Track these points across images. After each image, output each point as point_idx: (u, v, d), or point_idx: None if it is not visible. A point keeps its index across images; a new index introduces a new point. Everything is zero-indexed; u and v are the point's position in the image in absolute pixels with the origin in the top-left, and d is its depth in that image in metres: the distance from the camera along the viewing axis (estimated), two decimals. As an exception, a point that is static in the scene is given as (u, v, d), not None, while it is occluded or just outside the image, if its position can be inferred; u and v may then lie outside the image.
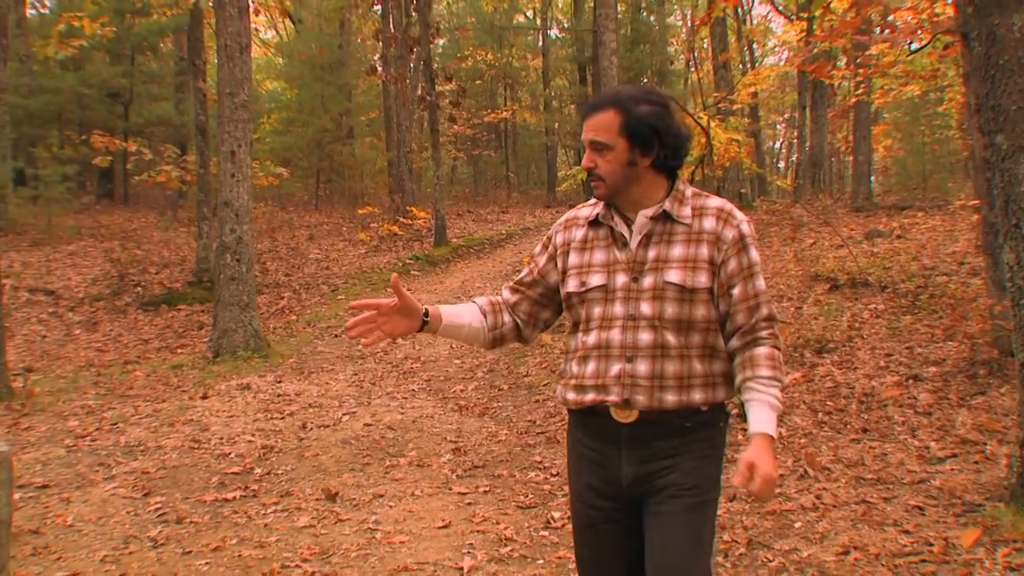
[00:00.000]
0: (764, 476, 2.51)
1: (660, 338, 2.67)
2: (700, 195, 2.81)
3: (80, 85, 24.37)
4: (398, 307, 2.82)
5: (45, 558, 5.78)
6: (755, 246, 2.77)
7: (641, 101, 2.73)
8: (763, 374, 2.65)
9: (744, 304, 2.71)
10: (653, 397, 2.67)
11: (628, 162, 2.71)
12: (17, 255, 18.30)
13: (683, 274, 2.68)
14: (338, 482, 7.09)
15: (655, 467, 2.71)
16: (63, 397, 10.79)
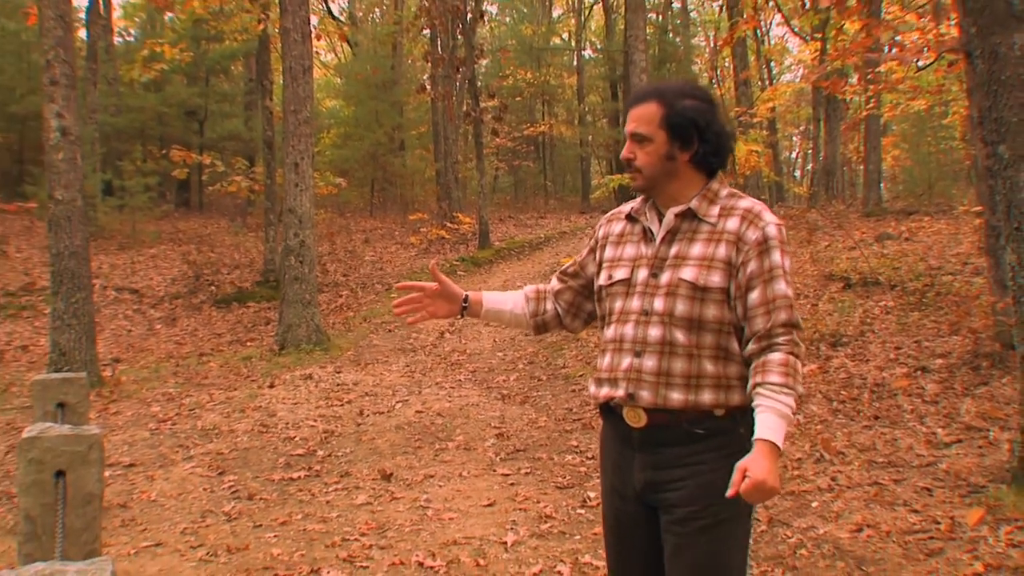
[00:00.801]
0: (753, 481, 2.22)
1: (669, 335, 2.43)
2: (735, 195, 2.53)
3: (161, 105, 24.60)
4: (439, 291, 2.76)
5: (132, 529, 5.85)
6: (781, 250, 2.43)
7: (685, 95, 2.50)
8: (773, 380, 2.33)
9: (762, 308, 2.39)
10: (658, 394, 2.42)
11: (667, 155, 2.49)
12: (106, 258, 18.51)
13: (697, 272, 2.42)
14: (392, 464, 7.12)
15: (665, 476, 2.45)
16: (146, 385, 10.91)
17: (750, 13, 13.18)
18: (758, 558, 4.74)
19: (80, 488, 3.74)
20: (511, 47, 33.41)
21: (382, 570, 4.85)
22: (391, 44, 30.08)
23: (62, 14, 10.80)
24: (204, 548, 5.39)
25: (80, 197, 10.84)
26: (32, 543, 3.65)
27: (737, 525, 2.42)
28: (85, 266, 10.86)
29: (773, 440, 2.29)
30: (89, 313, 10.84)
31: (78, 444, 3.74)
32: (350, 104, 29.74)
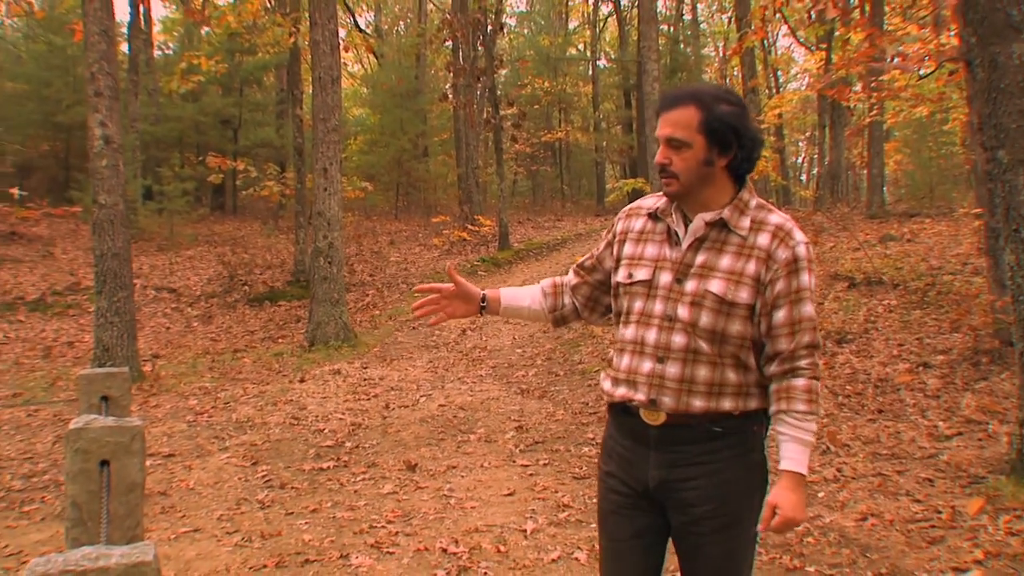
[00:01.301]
0: (784, 519, 2.23)
1: (694, 343, 2.31)
2: (763, 207, 2.39)
3: (198, 114, 24.71)
4: (456, 292, 2.67)
5: (172, 516, 5.88)
6: (809, 270, 2.32)
7: (721, 100, 2.34)
8: (799, 408, 2.28)
9: (787, 328, 2.30)
10: (680, 400, 2.32)
11: (705, 161, 2.32)
12: (146, 259, 18.62)
13: (725, 286, 2.30)
14: (417, 455, 7.13)
15: (682, 475, 2.35)
16: (184, 380, 10.96)
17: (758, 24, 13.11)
18: (766, 545, 4.72)
19: (123, 477, 3.77)
20: (529, 57, 33.36)
21: (408, 556, 4.86)
22: (415, 55, 30.12)
23: (105, 29, 10.86)
24: (239, 534, 5.42)
25: (122, 202, 10.91)
26: (78, 528, 3.68)
27: (751, 524, 2.36)
28: (127, 267, 10.92)
29: (800, 471, 2.28)
30: (130, 311, 10.90)
31: (121, 435, 3.77)
32: (376, 112, 29.79)
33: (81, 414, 5.07)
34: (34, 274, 17.59)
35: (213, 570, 4.79)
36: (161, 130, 24.44)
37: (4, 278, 17.07)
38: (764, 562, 4.51)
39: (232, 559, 4.95)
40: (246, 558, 4.95)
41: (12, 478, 7.17)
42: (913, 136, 23.79)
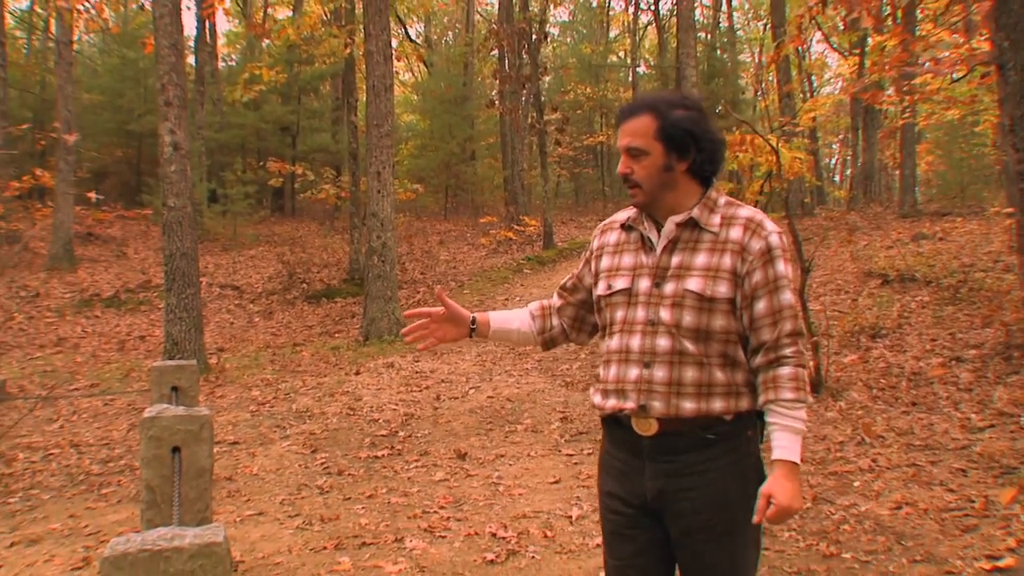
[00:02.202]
0: (779, 507, 2.12)
1: (678, 345, 2.22)
2: (732, 204, 2.31)
3: (259, 121, 24.96)
4: (446, 315, 2.57)
5: (237, 499, 5.96)
6: (784, 259, 2.24)
7: (676, 105, 2.28)
8: (786, 396, 2.17)
9: (768, 319, 2.21)
10: (670, 404, 2.21)
11: (664, 167, 2.26)
12: (211, 258, 18.86)
13: (703, 283, 2.21)
14: (467, 444, 7.15)
15: (678, 484, 2.24)
16: (247, 372, 11.08)
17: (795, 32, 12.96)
18: (804, 532, 4.67)
19: (193, 462, 3.82)
20: (572, 65, 33.27)
21: (459, 539, 4.88)
22: (463, 64, 30.19)
23: (175, 43, 11.02)
24: (300, 517, 5.47)
25: (190, 204, 11.06)
26: (152, 510, 3.75)
27: (750, 528, 2.24)
28: (194, 265, 11.07)
29: (792, 459, 2.16)
30: (197, 307, 11.05)
31: (191, 423, 3.83)
32: (426, 118, 29.91)
33: (154, 404, 5.16)
34: (109, 273, 17.90)
35: (276, 551, 4.84)
36: (225, 137, 24.73)
37: (82, 276, 17.39)
38: (801, 549, 4.47)
39: (294, 541, 5.00)
40: (307, 540, 5.00)
41: (91, 462, 7.32)
42: (945, 138, 23.40)
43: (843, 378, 7.65)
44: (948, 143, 22.84)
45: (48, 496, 6.41)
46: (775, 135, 15.65)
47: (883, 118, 22.52)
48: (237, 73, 24.14)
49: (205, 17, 21.82)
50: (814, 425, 6.67)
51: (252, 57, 25.63)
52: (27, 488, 6.62)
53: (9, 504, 6.22)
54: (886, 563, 4.24)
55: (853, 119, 24.70)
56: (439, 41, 38.15)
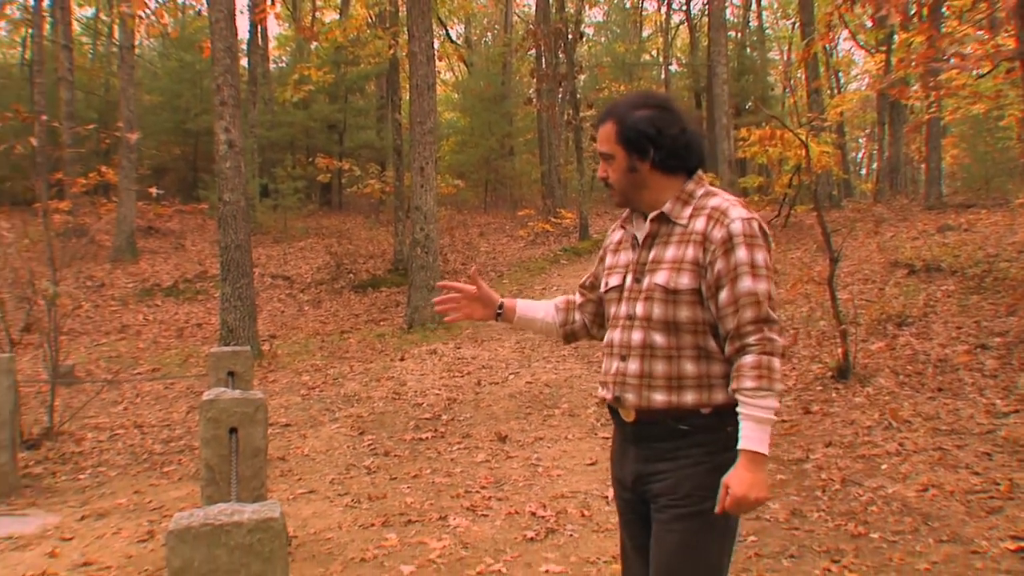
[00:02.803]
0: (734, 497, 2.04)
1: (648, 338, 2.20)
2: (710, 194, 2.25)
3: (307, 120, 25.10)
4: (476, 295, 2.59)
5: (290, 478, 6.03)
6: (747, 244, 2.12)
7: (637, 107, 2.26)
8: (747, 386, 2.07)
9: (731, 308, 2.12)
10: (642, 396, 2.20)
11: (628, 168, 2.25)
12: (263, 249, 19.03)
13: (668, 275, 2.18)
14: (507, 427, 7.17)
15: (652, 469, 2.22)
16: (297, 358, 11.18)
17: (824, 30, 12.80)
18: (833, 513, 4.64)
19: (249, 443, 3.87)
20: (606, 63, 33.07)
21: (500, 518, 4.90)
22: (502, 63, 30.11)
23: (229, 46, 11.12)
24: (349, 496, 5.53)
25: (243, 199, 11.17)
26: (212, 487, 3.80)
27: (714, 518, 2.13)
28: (247, 257, 11.18)
29: (754, 449, 2.06)
30: (251, 296, 11.16)
31: (247, 406, 3.87)
32: (466, 116, 29.89)
33: (211, 387, 5.22)
34: (168, 264, 18.14)
35: (327, 527, 4.89)
36: (276, 135, 24.90)
37: (144, 267, 17.65)
38: (830, 528, 4.43)
39: (343, 518, 5.05)
40: (356, 517, 5.05)
41: (153, 442, 7.44)
42: (969, 131, 23.02)
43: (870, 365, 7.56)
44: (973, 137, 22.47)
45: (115, 473, 6.53)
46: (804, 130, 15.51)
47: (909, 113, 22.16)
48: (287, 74, 24.32)
49: (257, 21, 21.99)
50: (842, 410, 6.61)
51: (301, 59, 25.77)
52: (95, 466, 6.75)
53: (80, 480, 6.35)
54: (913, 543, 4.19)
55: (879, 114, 24.33)
56: (479, 42, 38.10)
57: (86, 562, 4.44)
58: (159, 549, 4.59)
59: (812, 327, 9.33)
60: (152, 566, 4.34)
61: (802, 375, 7.75)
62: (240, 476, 3.81)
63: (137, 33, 21.74)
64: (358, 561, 4.31)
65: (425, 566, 4.20)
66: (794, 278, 10.85)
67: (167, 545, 2.15)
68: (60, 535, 4.95)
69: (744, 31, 32.77)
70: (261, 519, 2.22)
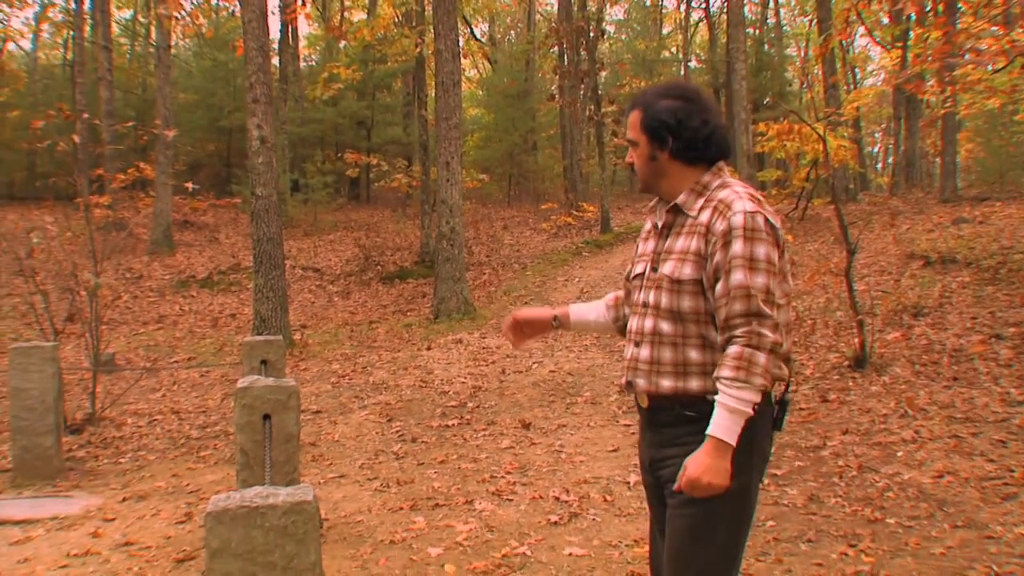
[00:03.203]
0: (688, 478, 2.04)
1: (657, 325, 2.21)
2: (723, 187, 2.22)
3: (336, 116, 25.16)
4: (531, 324, 2.64)
5: (321, 463, 6.07)
6: (744, 238, 2.09)
7: (662, 97, 2.25)
8: (724, 374, 2.05)
9: (723, 300, 2.10)
10: (651, 381, 2.21)
11: (649, 156, 2.27)
12: (294, 242, 19.13)
13: (674, 266, 2.18)
14: (530, 414, 7.17)
15: (663, 454, 2.23)
16: (327, 347, 11.24)
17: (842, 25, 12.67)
18: (850, 499, 4.61)
19: (282, 429, 3.90)
20: (627, 60, 32.87)
21: (525, 502, 4.90)
22: (525, 60, 30.02)
23: (262, 45, 11.17)
24: (378, 480, 5.55)
25: (275, 193, 11.23)
26: (246, 471, 3.84)
27: (723, 504, 2.10)
28: (279, 249, 11.24)
29: (718, 436, 2.03)
30: (283, 288, 11.23)
31: (280, 393, 3.90)
32: (490, 112, 29.84)
33: (245, 375, 5.26)
34: (203, 256, 18.29)
35: (357, 510, 4.92)
36: (306, 131, 24.99)
37: (179, 260, 17.80)
38: (847, 514, 4.40)
39: (373, 501, 5.08)
40: (384, 501, 5.07)
41: (190, 428, 7.51)
42: (984, 126, 22.77)
43: (887, 354, 7.49)
44: (988, 131, 22.23)
45: (153, 457, 6.60)
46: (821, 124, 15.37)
47: (925, 108, 21.91)
48: (317, 72, 24.38)
49: (288, 21, 22.10)
50: (859, 399, 6.56)
51: (330, 57, 25.86)
52: (135, 450, 6.83)
53: (120, 464, 6.43)
54: (928, 528, 4.16)
55: (895, 109, 24.05)
56: (502, 39, 38.01)
57: (127, 542, 4.49)
58: (196, 530, 4.64)
59: (829, 317, 9.26)
60: (190, 546, 4.38)
61: (819, 364, 7.69)
62: (273, 461, 3.84)
63: (173, 34, 21.90)
64: (387, 543, 4.33)
65: (452, 548, 4.21)
66: (811, 269, 10.78)
67: (205, 526, 2.18)
68: (103, 516, 5.01)
69: (762, 28, 32.50)
70: (295, 502, 2.23)
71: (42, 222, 14.52)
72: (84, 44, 21.63)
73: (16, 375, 5.89)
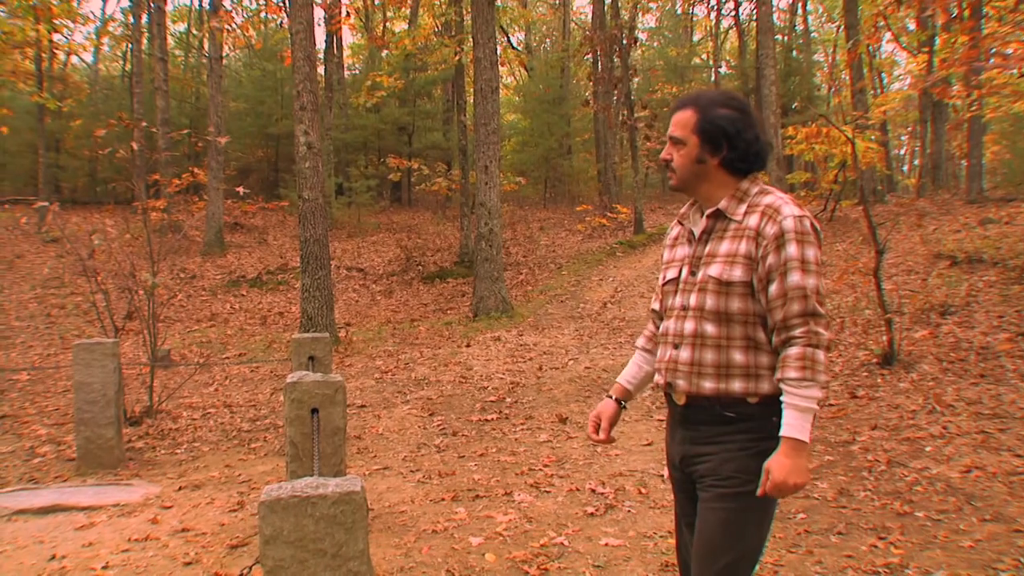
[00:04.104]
0: (774, 482, 2.03)
1: (700, 328, 2.19)
2: (764, 192, 2.22)
3: (379, 123, 25.29)
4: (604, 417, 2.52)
5: (365, 455, 6.11)
6: (798, 241, 2.10)
7: (720, 105, 2.23)
8: (791, 375, 2.05)
9: (779, 300, 2.10)
10: (691, 383, 2.19)
11: (697, 159, 2.23)
12: (339, 243, 19.27)
13: (722, 268, 2.16)
14: (567, 409, 7.16)
15: (698, 451, 2.22)
16: (371, 344, 11.30)
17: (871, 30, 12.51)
18: (880, 493, 4.55)
19: (329, 422, 3.93)
20: (659, 67, 32.69)
21: (562, 494, 4.90)
22: (560, 67, 29.97)
23: (308, 55, 11.27)
24: (420, 472, 5.58)
25: (321, 196, 11.32)
26: (296, 463, 3.87)
27: (755, 501, 2.12)
28: (325, 250, 11.33)
29: (795, 436, 2.03)
30: (328, 287, 11.32)
31: (327, 388, 3.93)
32: (527, 117, 29.82)
33: (294, 371, 5.32)
34: (252, 257, 18.48)
35: (401, 501, 4.95)
36: (350, 137, 25.16)
37: (230, 260, 18.01)
38: (876, 507, 4.34)
39: (416, 492, 5.10)
40: (427, 492, 5.10)
41: (241, 421, 7.60)
42: (1010, 128, 22.39)
43: (914, 352, 7.37)
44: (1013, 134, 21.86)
45: (207, 448, 6.69)
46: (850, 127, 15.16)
47: (952, 111, 21.53)
48: (361, 80, 24.51)
49: (333, 32, 22.24)
50: (887, 395, 6.46)
51: (373, 66, 25.97)
52: (190, 441, 6.93)
53: (176, 454, 6.52)
54: (957, 522, 4.09)
55: (922, 112, 23.65)
56: (538, 47, 37.95)
57: (184, 528, 4.56)
58: (248, 518, 4.69)
59: (858, 316, 9.13)
60: (242, 533, 4.44)
61: (848, 361, 7.59)
62: (321, 452, 3.87)
63: (224, 45, 22.18)
64: (430, 533, 4.35)
65: (492, 538, 4.22)
66: (840, 269, 10.64)
67: (259, 514, 2.20)
68: (161, 503, 5.09)
69: (791, 35, 32.13)
70: (344, 492, 2.25)
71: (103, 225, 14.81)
72: (141, 56, 22.00)
73: (80, 370, 6.00)
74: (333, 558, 2.25)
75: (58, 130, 24.39)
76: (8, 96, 20.94)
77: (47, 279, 15.37)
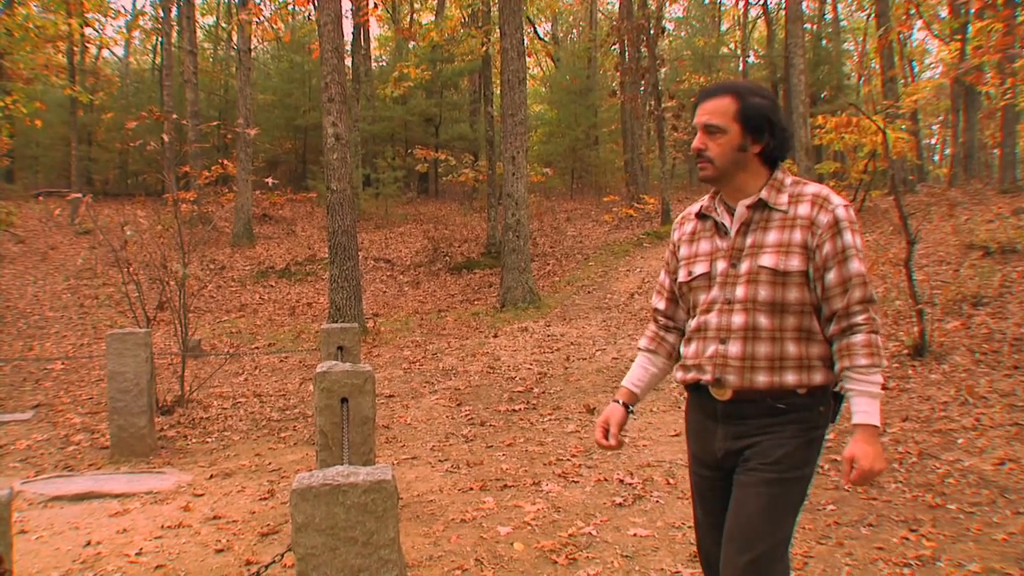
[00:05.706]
0: (862, 471, 2.05)
1: (752, 320, 2.14)
2: (799, 183, 2.22)
3: (406, 114, 25.36)
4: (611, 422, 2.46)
5: (394, 445, 6.14)
6: (852, 230, 2.13)
7: (755, 93, 2.22)
8: (861, 363, 2.07)
9: (839, 288, 2.10)
10: (744, 377, 2.14)
11: (739, 147, 2.19)
12: (366, 235, 19.35)
13: (776, 258, 2.12)
14: (594, 399, 7.15)
15: (745, 443, 2.17)
16: (399, 334, 11.35)
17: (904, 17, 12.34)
18: (911, 485, 4.50)
19: (358, 411, 3.95)
20: (687, 57, 32.44)
21: (590, 484, 4.89)
22: (587, 58, 29.86)
23: (336, 47, 11.30)
24: (448, 462, 5.60)
25: (349, 188, 11.37)
26: (325, 452, 3.90)
27: (797, 488, 2.13)
28: (353, 241, 11.39)
29: (872, 423, 2.07)
30: (356, 278, 11.37)
31: (356, 378, 3.95)
32: (554, 108, 29.75)
33: (323, 361, 5.35)
34: (281, 248, 18.62)
35: (429, 490, 4.97)
36: (377, 128, 25.24)
37: (259, 251, 18.15)
38: (908, 499, 4.30)
39: (444, 482, 5.12)
40: (455, 481, 5.11)
41: (271, 410, 7.67)
42: (1043, 116, 21.93)
43: (946, 343, 7.28)
44: (1047, 121, 21.39)
45: (238, 437, 6.76)
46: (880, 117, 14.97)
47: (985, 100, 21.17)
48: (388, 72, 24.59)
49: (360, 24, 22.30)
50: (918, 386, 6.39)
51: (400, 57, 26.02)
52: (221, 430, 7.00)
53: (208, 443, 6.59)
54: (990, 514, 4.04)
55: (953, 101, 23.26)
56: (565, 38, 37.80)
57: (215, 516, 4.61)
58: (279, 506, 4.74)
59: (889, 306, 9.02)
60: (273, 521, 4.48)
61: (879, 353, 7.51)
62: (351, 442, 3.90)
63: (253, 38, 22.28)
64: (459, 522, 4.37)
65: (521, 527, 4.23)
66: (871, 259, 10.52)
67: (291, 503, 2.22)
68: (192, 491, 5.15)
69: (820, 23, 31.72)
70: (375, 480, 2.27)
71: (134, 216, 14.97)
72: (171, 49, 22.18)
73: (113, 359, 6.08)
74: (364, 546, 2.27)
75: (90, 123, 24.72)
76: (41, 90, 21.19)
77: (80, 270, 15.58)
